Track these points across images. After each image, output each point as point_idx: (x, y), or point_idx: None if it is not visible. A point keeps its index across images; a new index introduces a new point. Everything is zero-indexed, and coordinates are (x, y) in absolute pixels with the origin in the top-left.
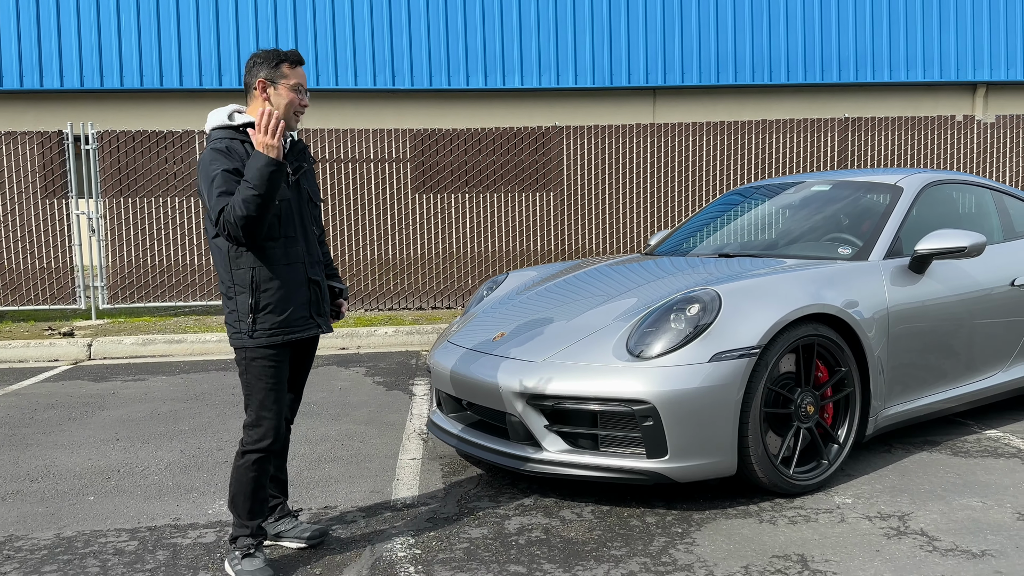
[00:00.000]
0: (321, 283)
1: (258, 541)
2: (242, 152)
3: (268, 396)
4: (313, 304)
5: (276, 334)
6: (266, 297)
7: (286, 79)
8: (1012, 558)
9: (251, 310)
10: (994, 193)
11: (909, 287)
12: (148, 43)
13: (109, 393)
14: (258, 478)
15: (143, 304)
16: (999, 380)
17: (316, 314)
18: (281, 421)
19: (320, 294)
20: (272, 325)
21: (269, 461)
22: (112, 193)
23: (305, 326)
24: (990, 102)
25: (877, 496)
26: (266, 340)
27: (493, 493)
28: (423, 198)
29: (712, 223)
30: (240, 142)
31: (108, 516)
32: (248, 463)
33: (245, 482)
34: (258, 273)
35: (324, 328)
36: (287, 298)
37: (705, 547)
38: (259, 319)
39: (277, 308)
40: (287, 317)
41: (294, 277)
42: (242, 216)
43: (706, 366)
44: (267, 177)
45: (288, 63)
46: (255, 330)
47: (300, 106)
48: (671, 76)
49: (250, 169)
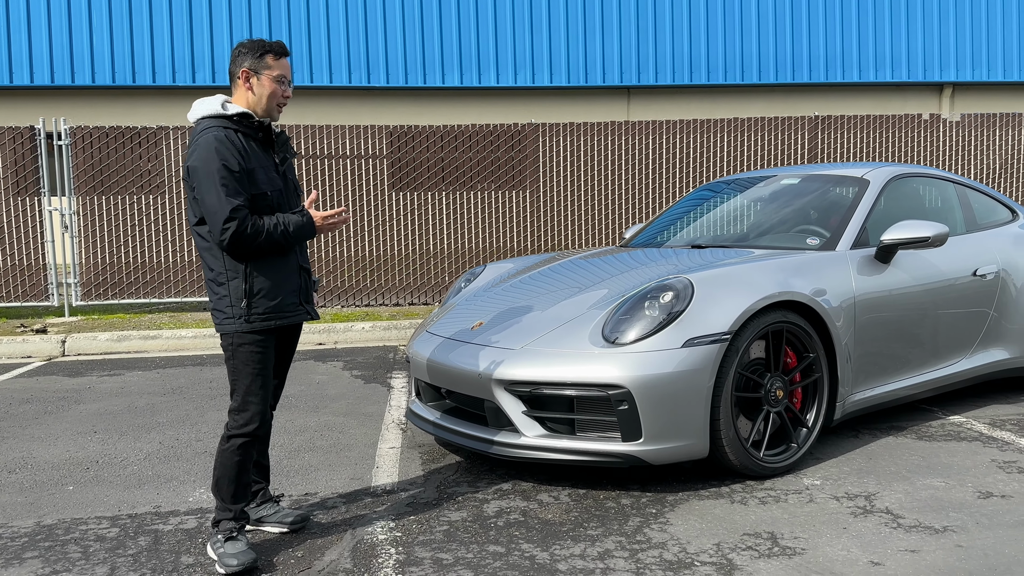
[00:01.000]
0: (309, 271)
1: (240, 525)
2: (239, 144)
3: (255, 381)
4: (303, 291)
5: (269, 319)
6: (260, 282)
7: (270, 70)
8: (972, 533)
9: (245, 295)
10: (957, 186)
11: (875, 276)
12: (120, 39)
13: (85, 388)
14: (242, 462)
15: (117, 301)
16: (962, 367)
17: (304, 301)
18: (267, 406)
19: (308, 281)
20: (266, 310)
21: (254, 446)
22: (85, 190)
23: (295, 312)
24: (956, 102)
25: (844, 478)
26: (260, 325)
27: (472, 479)
28: (400, 195)
29: (685, 216)
30: (235, 131)
31: (88, 504)
32: (233, 447)
33: (230, 466)
34: (252, 260)
35: (312, 315)
36: (280, 284)
37: (678, 526)
38: (254, 303)
39: (270, 293)
40: (279, 303)
41: (286, 264)
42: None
43: (679, 351)
44: (300, 239)
45: (272, 54)
46: (251, 314)
47: (283, 97)
48: (645, 76)
49: (296, 226)
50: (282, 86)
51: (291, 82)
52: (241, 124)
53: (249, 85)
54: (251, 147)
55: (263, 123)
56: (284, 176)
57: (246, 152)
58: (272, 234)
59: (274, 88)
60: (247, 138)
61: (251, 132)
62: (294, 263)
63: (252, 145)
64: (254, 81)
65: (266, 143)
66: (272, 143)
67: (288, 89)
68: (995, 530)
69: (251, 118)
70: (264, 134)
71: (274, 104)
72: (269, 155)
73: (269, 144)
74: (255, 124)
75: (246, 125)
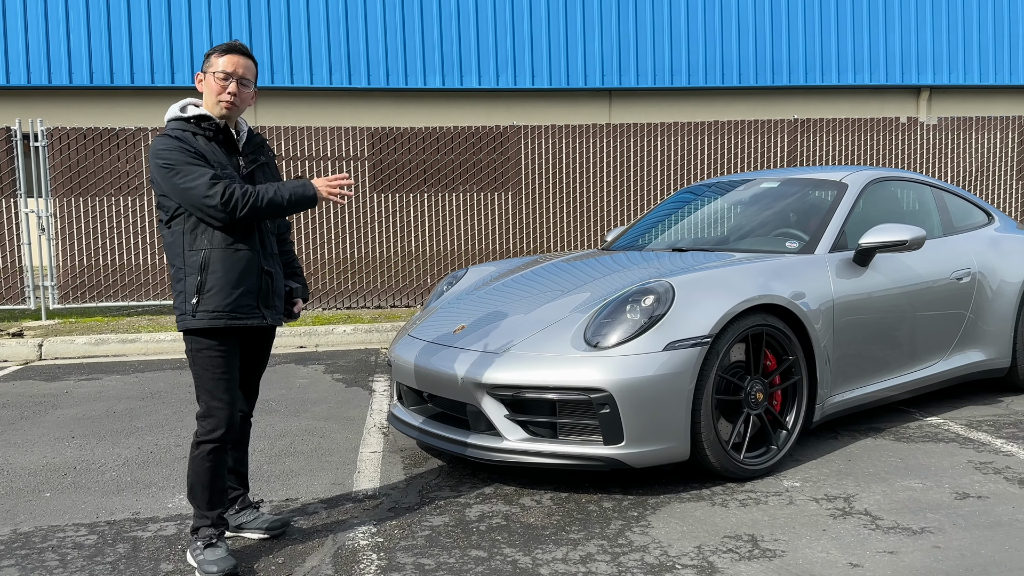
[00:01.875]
0: (274, 275)
1: (219, 531)
2: (193, 143)
3: (217, 385)
4: (262, 294)
5: (219, 317)
6: (213, 279)
7: (212, 67)
8: (949, 534)
9: (196, 290)
10: (934, 190)
11: (853, 279)
12: (98, 40)
13: (62, 392)
14: (214, 468)
15: (95, 304)
16: (939, 369)
17: (263, 305)
18: (234, 411)
19: (271, 286)
20: (216, 307)
21: (224, 451)
22: (62, 192)
23: (250, 314)
24: (933, 105)
25: (824, 479)
26: (208, 322)
27: (454, 483)
28: (381, 197)
29: (666, 219)
30: (192, 134)
31: (66, 511)
32: (203, 453)
33: (201, 472)
34: (210, 255)
35: (270, 320)
36: (234, 282)
37: (660, 529)
38: (203, 299)
39: (223, 291)
40: (232, 301)
41: (246, 263)
42: (258, 209)
43: (660, 355)
44: (299, 204)
45: (217, 52)
46: (198, 310)
47: (227, 94)
48: (626, 78)
49: (295, 189)
50: (224, 82)
51: (242, 79)
52: (199, 126)
53: (202, 87)
54: (211, 149)
55: (219, 125)
56: (251, 177)
57: (204, 152)
58: (266, 195)
59: (214, 85)
60: (207, 140)
61: (211, 133)
62: (255, 264)
63: (213, 147)
64: (204, 82)
65: (228, 146)
66: (235, 145)
67: (232, 85)
68: (971, 531)
69: (210, 119)
70: (225, 136)
71: (216, 101)
72: (232, 158)
73: (232, 147)
74: (214, 126)
75: (204, 127)
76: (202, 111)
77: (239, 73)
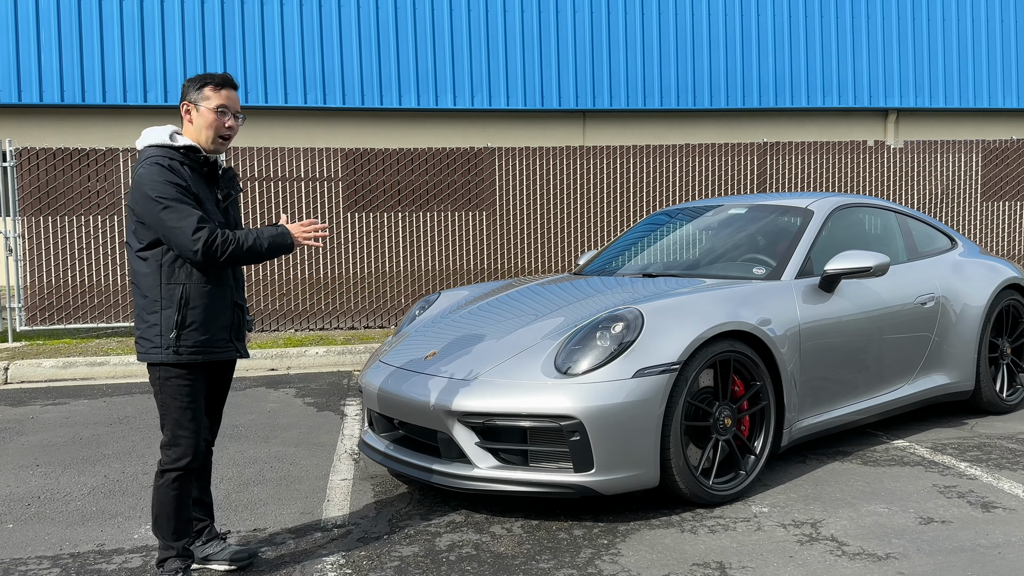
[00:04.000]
0: (243, 308)
1: (186, 563)
2: (183, 173)
3: (184, 415)
4: (235, 328)
5: (198, 352)
6: (193, 315)
7: (208, 101)
8: (914, 559)
9: (176, 326)
10: (899, 216)
11: (819, 305)
12: (69, 57)
13: (28, 418)
14: (179, 497)
15: (63, 326)
16: (905, 392)
17: (236, 338)
18: (199, 440)
19: (241, 319)
20: (195, 343)
21: (189, 480)
22: (31, 212)
23: (225, 348)
24: (901, 127)
25: (792, 504)
26: (187, 358)
27: (424, 511)
28: (355, 217)
29: (637, 244)
30: (180, 163)
31: (28, 543)
32: (168, 482)
33: (167, 502)
34: (189, 290)
35: (242, 353)
36: (212, 318)
37: (629, 557)
38: (183, 335)
39: (202, 327)
40: (210, 337)
41: (221, 299)
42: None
43: (630, 382)
44: (276, 251)
45: (212, 85)
46: (179, 346)
47: (226, 128)
48: (600, 100)
49: (274, 237)
50: (223, 117)
51: (238, 114)
52: (187, 156)
53: (190, 118)
54: (195, 179)
55: (208, 158)
56: (226, 211)
57: (189, 183)
58: (246, 243)
59: (212, 118)
60: (192, 171)
61: (196, 166)
62: (229, 298)
63: (196, 178)
64: (194, 113)
65: (210, 178)
66: (216, 178)
67: (231, 120)
68: (935, 556)
69: (198, 151)
70: (209, 168)
71: (215, 135)
72: (212, 190)
73: (213, 179)
74: (201, 158)
75: (192, 158)
76: (190, 141)
77: (235, 107)
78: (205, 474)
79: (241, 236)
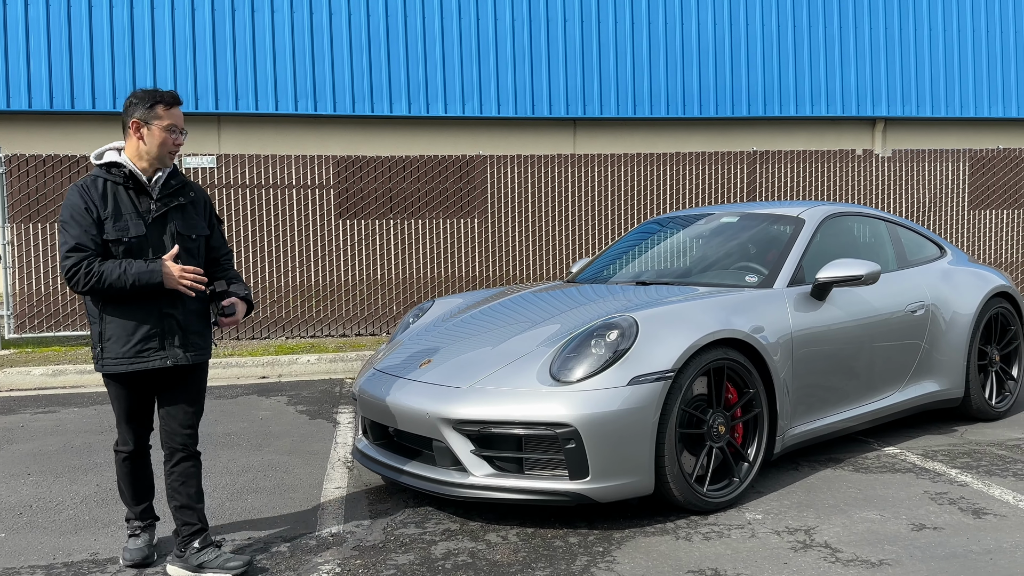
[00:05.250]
0: (178, 315)
1: (145, 522)
2: (101, 190)
3: (120, 415)
4: (167, 335)
5: (120, 363)
6: (111, 328)
7: (159, 120)
8: (907, 566)
9: (99, 339)
10: (888, 224)
11: (811, 313)
12: (59, 64)
13: (18, 426)
14: (131, 472)
15: (52, 333)
16: (896, 399)
17: (170, 346)
18: (136, 437)
19: (177, 326)
20: (116, 355)
21: (136, 463)
22: (21, 219)
23: (151, 358)
24: (888, 136)
25: (785, 511)
26: (112, 369)
27: (420, 519)
28: (347, 224)
29: (629, 252)
30: (103, 180)
31: (21, 553)
32: (119, 459)
33: (121, 475)
34: (104, 304)
35: (174, 361)
36: (132, 330)
37: (625, 564)
38: (105, 348)
39: (120, 339)
40: (130, 348)
41: (140, 309)
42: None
43: (625, 389)
44: (142, 288)
45: (163, 104)
46: (103, 358)
47: (174, 145)
48: (590, 108)
49: (142, 272)
50: (173, 135)
51: (184, 130)
52: (109, 172)
53: (140, 135)
54: (116, 194)
55: (127, 172)
56: (163, 219)
57: (105, 200)
58: (109, 277)
59: (164, 137)
60: (115, 185)
61: (120, 180)
62: (153, 310)
63: (119, 191)
64: (144, 131)
65: (138, 190)
66: (146, 191)
67: (180, 137)
68: (928, 563)
69: (120, 167)
70: (134, 182)
71: (165, 152)
72: (139, 202)
73: (144, 192)
74: (124, 173)
75: (113, 174)
76: (117, 158)
77: (181, 124)
78: (190, 481)
79: (107, 270)
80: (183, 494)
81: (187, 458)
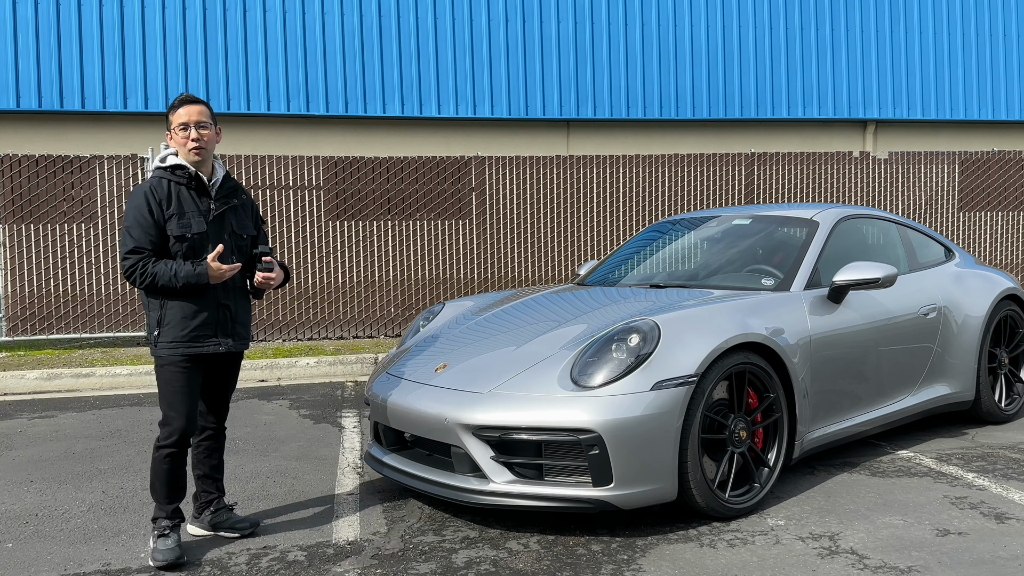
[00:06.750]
0: (232, 307)
1: (174, 522)
2: (165, 191)
3: (176, 398)
4: (221, 324)
5: (177, 347)
6: (170, 314)
7: (171, 124)
8: (936, 572)
9: (157, 324)
10: (899, 227)
11: (828, 316)
12: (47, 63)
13: (15, 432)
14: (172, 470)
15: (46, 336)
16: (909, 403)
17: (221, 334)
18: (187, 423)
19: (229, 316)
20: (173, 339)
21: (180, 456)
22: (12, 220)
23: (206, 343)
24: (879, 139)
25: (807, 517)
26: (168, 351)
27: (437, 526)
28: (341, 225)
29: (639, 254)
30: (168, 181)
31: (31, 563)
32: (161, 457)
33: (160, 473)
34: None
35: (225, 348)
36: (190, 316)
37: (651, 573)
38: (163, 332)
39: (179, 324)
40: (187, 333)
41: (200, 299)
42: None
43: (648, 394)
44: (192, 287)
45: (172, 108)
46: (159, 341)
47: (191, 142)
48: (584, 109)
49: (190, 274)
50: (184, 132)
51: (197, 124)
52: (174, 173)
53: (169, 140)
54: (179, 194)
55: (191, 173)
56: (221, 218)
57: (170, 199)
58: (162, 279)
59: (178, 137)
60: (178, 186)
61: (184, 181)
62: (211, 299)
63: (181, 191)
64: (169, 137)
65: (199, 190)
66: (206, 190)
67: (192, 132)
68: (957, 568)
69: (184, 168)
70: (196, 182)
71: (185, 150)
72: (200, 202)
73: (203, 191)
74: (187, 174)
75: (178, 175)
76: (178, 160)
77: (194, 119)
78: (216, 455)
79: (159, 272)
80: (207, 465)
81: (216, 434)
